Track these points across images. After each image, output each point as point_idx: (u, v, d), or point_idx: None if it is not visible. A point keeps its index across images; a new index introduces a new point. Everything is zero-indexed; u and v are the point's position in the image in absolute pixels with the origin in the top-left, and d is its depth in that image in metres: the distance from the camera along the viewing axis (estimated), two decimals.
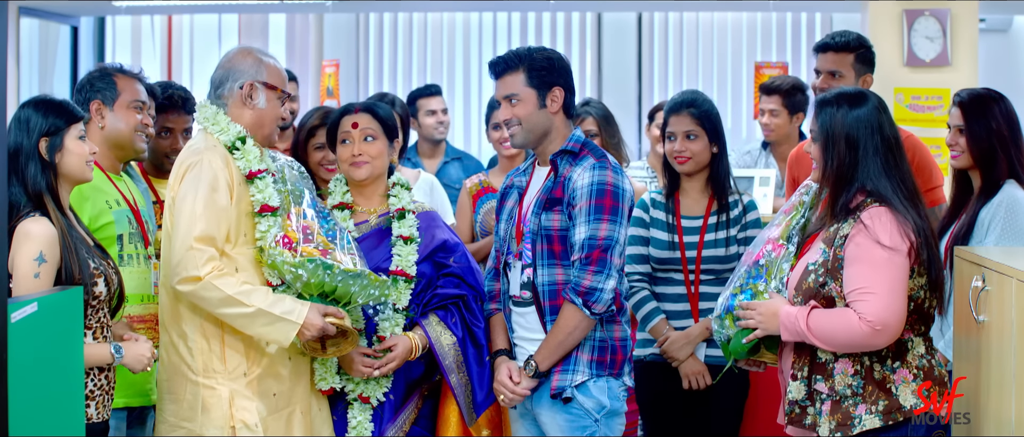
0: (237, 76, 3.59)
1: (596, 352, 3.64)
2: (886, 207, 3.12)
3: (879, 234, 3.07)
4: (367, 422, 3.70)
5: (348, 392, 3.72)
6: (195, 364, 3.49)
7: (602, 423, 3.63)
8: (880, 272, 3.05)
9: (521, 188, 3.78)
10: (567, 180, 3.62)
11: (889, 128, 3.21)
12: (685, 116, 4.16)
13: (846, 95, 3.25)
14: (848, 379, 3.13)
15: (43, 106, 3.29)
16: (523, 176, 3.81)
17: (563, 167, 3.65)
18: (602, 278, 3.55)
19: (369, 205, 3.85)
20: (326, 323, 3.43)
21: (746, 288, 3.32)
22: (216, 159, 3.48)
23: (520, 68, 3.67)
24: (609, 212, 3.56)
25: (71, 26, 8.58)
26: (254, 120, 3.60)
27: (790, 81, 5.70)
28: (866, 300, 3.05)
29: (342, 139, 3.80)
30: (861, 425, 3.09)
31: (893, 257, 3.06)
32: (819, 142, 3.24)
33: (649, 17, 9.09)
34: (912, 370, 3.11)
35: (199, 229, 3.39)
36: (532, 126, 3.67)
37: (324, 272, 3.42)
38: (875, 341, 3.06)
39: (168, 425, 3.55)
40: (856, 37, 4.45)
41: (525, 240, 3.67)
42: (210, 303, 3.40)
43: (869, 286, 3.05)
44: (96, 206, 3.65)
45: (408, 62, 9.24)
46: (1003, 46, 8.97)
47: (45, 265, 3.09)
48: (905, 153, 3.24)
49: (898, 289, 3.06)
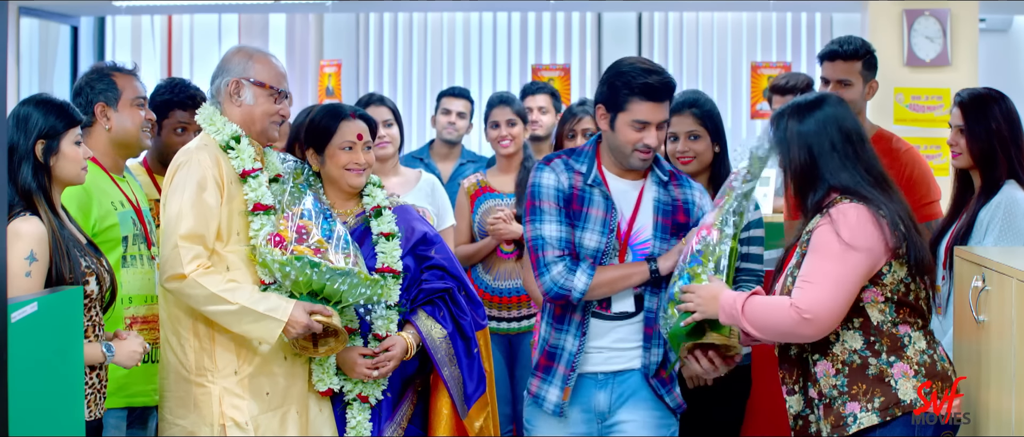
0: (226, 74, 3.63)
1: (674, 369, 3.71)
2: (858, 203, 3.11)
3: (840, 228, 3.07)
4: (366, 421, 3.70)
5: (346, 392, 3.72)
6: (189, 362, 3.52)
7: (675, 422, 3.71)
8: (828, 264, 3.06)
9: (607, 197, 3.62)
10: (688, 203, 3.66)
11: (848, 122, 3.21)
12: (687, 116, 4.15)
13: (800, 105, 3.27)
14: (831, 380, 3.13)
15: (44, 106, 3.28)
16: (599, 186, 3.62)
17: (671, 189, 3.68)
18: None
19: (345, 207, 3.84)
20: (312, 321, 3.44)
21: (684, 272, 3.33)
22: (206, 158, 3.50)
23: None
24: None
25: (71, 26, 8.58)
26: (244, 117, 3.61)
27: (804, 79, 5.66)
28: (804, 288, 3.06)
29: (343, 146, 3.78)
30: (857, 424, 3.08)
31: (847, 253, 3.05)
32: (779, 154, 3.26)
33: (649, 17, 9.09)
34: (912, 365, 3.10)
35: (185, 227, 3.42)
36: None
37: (312, 270, 3.43)
38: (803, 330, 3.06)
39: (166, 423, 3.59)
40: (862, 43, 4.45)
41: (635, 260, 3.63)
42: (195, 300, 3.42)
43: (812, 276, 3.07)
44: (102, 208, 3.65)
45: (408, 62, 9.24)
46: (1003, 46, 8.97)
47: (36, 264, 3.09)
48: (868, 143, 3.23)
49: (842, 285, 3.05)
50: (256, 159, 3.58)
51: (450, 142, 5.78)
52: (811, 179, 3.19)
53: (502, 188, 4.99)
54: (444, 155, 5.82)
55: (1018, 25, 8.98)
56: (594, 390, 3.66)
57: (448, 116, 5.78)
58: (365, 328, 3.74)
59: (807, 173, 3.20)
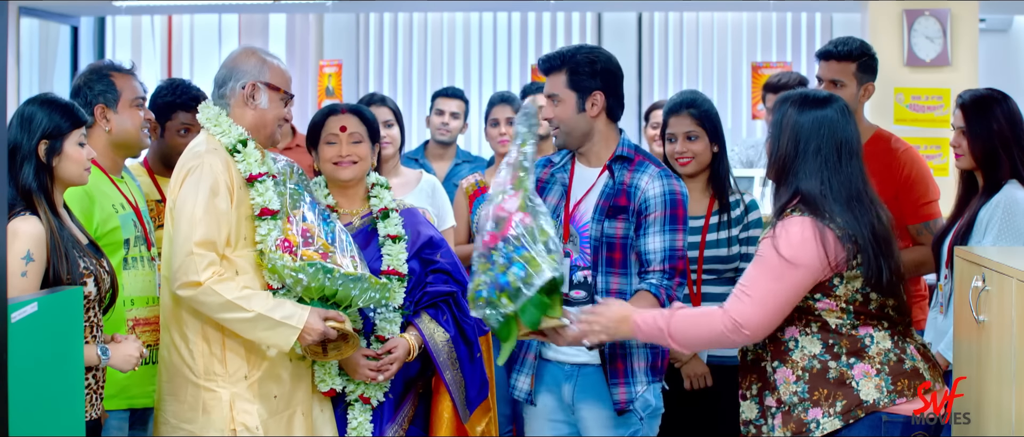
0: (240, 76, 3.58)
1: (650, 359, 3.67)
2: (807, 217, 3.07)
3: (780, 244, 3.06)
4: (367, 423, 3.70)
5: (348, 393, 3.72)
6: (196, 366, 3.49)
7: (646, 422, 3.66)
8: (766, 278, 3.06)
9: (564, 184, 3.75)
10: (632, 188, 3.61)
11: (844, 131, 3.15)
12: (685, 117, 4.16)
13: (808, 97, 3.21)
14: (792, 387, 3.12)
15: (48, 105, 3.26)
16: (562, 172, 3.77)
17: (622, 174, 3.64)
18: (681, 290, 3.62)
19: (351, 206, 3.85)
20: (327, 327, 3.43)
21: (516, 260, 3.23)
22: (217, 162, 3.47)
23: (563, 69, 3.65)
24: (681, 222, 3.60)
25: (71, 26, 8.58)
26: (256, 121, 3.59)
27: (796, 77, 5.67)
28: (742, 299, 3.07)
29: (328, 140, 3.81)
30: (820, 429, 3.06)
31: (785, 269, 3.04)
32: (770, 135, 3.23)
33: (649, 17, 9.09)
34: (875, 364, 3.08)
35: (199, 234, 3.39)
36: (570, 129, 3.66)
37: (324, 276, 3.42)
38: (735, 338, 3.09)
39: (169, 426, 3.55)
40: (859, 45, 4.41)
41: (581, 244, 3.65)
42: (210, 308, 3.40)
43: (751, 288, 3.08)
44: (104, 211, 3.64)
45: (408, 62, 9.24)
46: (1003, 46, 8.97)
47: (33, 264, 3.08)
48: (858, 160, 3.16)
49: (778, 299, 3.06)
50: (262, 163, 3.56)
51: (443, 143, 5.78)
52: (786, 174, 3.16)
53: None
54: (439, 155, 5.82)
55: (1018, 25, 8.98)
56: (562, 381, 3.72)
57: (441, 117, 5.78)
58: (367, 328, 3.74)
59: (786, 166, 3.16)
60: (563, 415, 3.75)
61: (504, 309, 3.24)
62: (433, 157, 5.82)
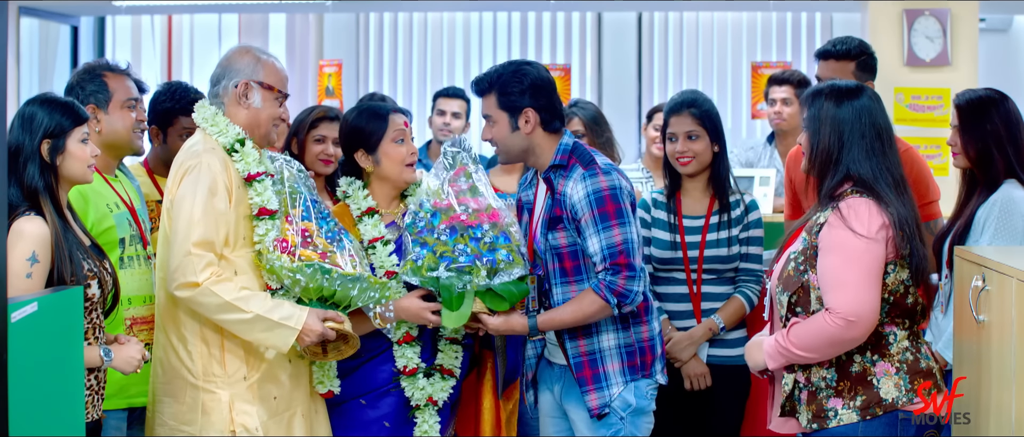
0: (233, 75, 3.56)
1: (625, 358, 3.66)
2: (867, 198, 3.12)
3: (854, 223, 3.07)
4: (435, 425, 3.73)
5: (416, 399, 3.72)
6: (195, 368, 3.48)
7: (628, 421, 3.65)
8: (851, 262, 3.06)
9: (529, 204, 3.78)
10: (563, 196, 3.60)
11: (881, 118, 3.22)
12: (686, 116, 4.16)
13: (840, 87, 3.27)
14: (822, 371, 3.15)
15: (49, 104, 3.26)
16: (529, 190, 3.81)
17: (557, 182, 3.64)
18: (635, 282, 3.55)
19: (390, 207, 3.85)
20: (326, 328, 3.43)
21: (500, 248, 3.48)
22: (215, 162, 3.45)
23: (492, 92, 3.67)
24: (615, 216, 3.55)
25: (71, 26, 8.58)
26: (250, 119, 3.57)
27: (798, 74, 5.72)
28: (836, 293, 3.06)
29: (396, 138, 3.78)
30: (837, 419, 3.12)
31: (868, 247, 3.06)
32: (808, 130, 3.25)
33: (649, 17, 9.09)
34: (894, 363, 3.13)
35: (197, 234, 3.37)
36: (507, 147, 3.68)
37: (322, 277, 3.42)
38: (851, 334, 3.06)
39: (167, 427, 3.54)
40: (858, 44, 4.42)
41: (539, 257, 3.68)
42: (208, 309, 3.39)
43: (839, 278, 3.06)
44: (98, 210, 3.64)
45: (408, 62, 9.24)
46: (1003, 46, 8.98)
47: (37, 265, 3.07)
48: (896, 145, 3.24)
49: (871, 280, 3.06)
50: (260, 162, 3.55)
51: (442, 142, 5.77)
52: (833, 163, 3.19)
53: (505, 188, 4.98)
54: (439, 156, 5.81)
55: (1018, 25, 8.98)
56: (553, 382, 3.76)
57: (443, 117, 5.77)
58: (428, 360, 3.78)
59: (830, 158, 3.20)
60: (560, 413, 3.78)
61: (479, 280, 3.48)
62: (435, 157, 5.81)
